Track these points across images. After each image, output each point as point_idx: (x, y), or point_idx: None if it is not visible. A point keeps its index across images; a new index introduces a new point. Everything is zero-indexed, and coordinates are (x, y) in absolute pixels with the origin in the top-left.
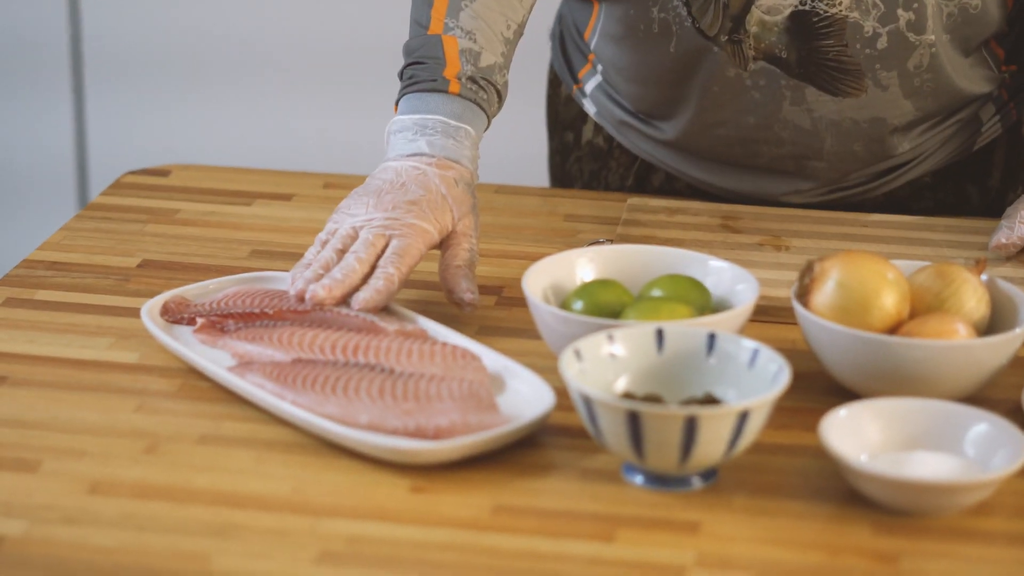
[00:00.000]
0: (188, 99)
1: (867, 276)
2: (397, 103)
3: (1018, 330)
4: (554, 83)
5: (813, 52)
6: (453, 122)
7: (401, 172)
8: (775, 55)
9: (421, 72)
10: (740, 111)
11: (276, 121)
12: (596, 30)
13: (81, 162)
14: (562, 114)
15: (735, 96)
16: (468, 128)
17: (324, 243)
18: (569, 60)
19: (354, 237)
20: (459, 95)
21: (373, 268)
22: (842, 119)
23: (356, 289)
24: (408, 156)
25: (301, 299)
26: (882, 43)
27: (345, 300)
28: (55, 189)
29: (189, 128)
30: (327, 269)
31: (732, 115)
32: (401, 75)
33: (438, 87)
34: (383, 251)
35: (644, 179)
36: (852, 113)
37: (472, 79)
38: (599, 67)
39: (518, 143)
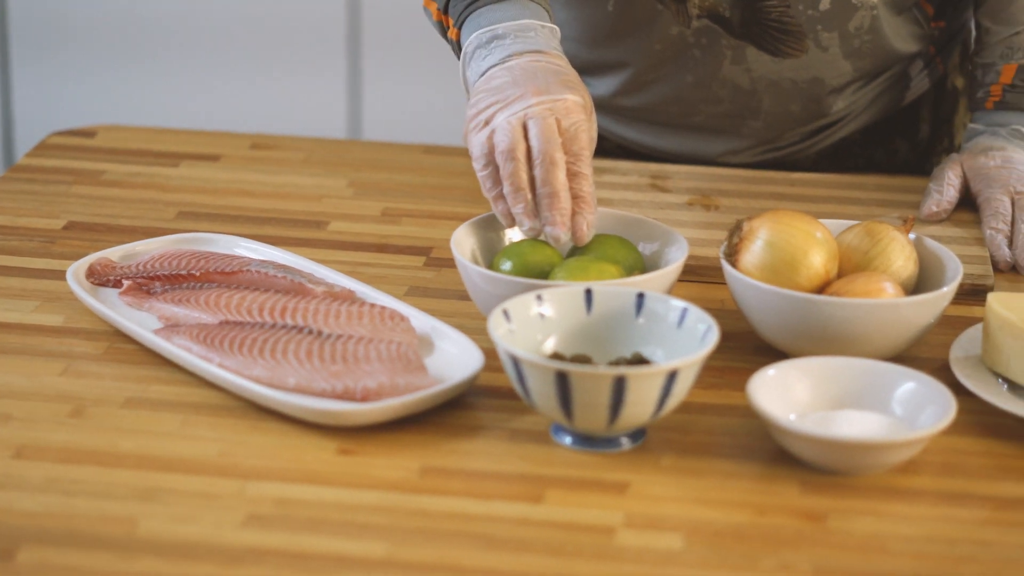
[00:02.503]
0: (114, 61)
1: (795, 235)
2: (459, 25)
3: (945, 288)
4: None
5: (756, 12)
6: (543, 23)
7: (524, 65)
8: (719, 14)
9: None
10: (679, 69)
11: (202, 82)
12: None
13: (7, 125)
14: None
15: (676, 54)
16: (555, 27)
17: (488, 148)
18: None
19: (518, 129)
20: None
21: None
22: (781, 79)
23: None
24: (521, 54)
25: (535, 237)
26: (824, 5)
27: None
28: None
29: (115, 90)
30: (525, 189)
31: (671, 73)
32: (447, 3)
33: None
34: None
35: None
36: (791, 74)
37: None
38: None
39: (442, 104)
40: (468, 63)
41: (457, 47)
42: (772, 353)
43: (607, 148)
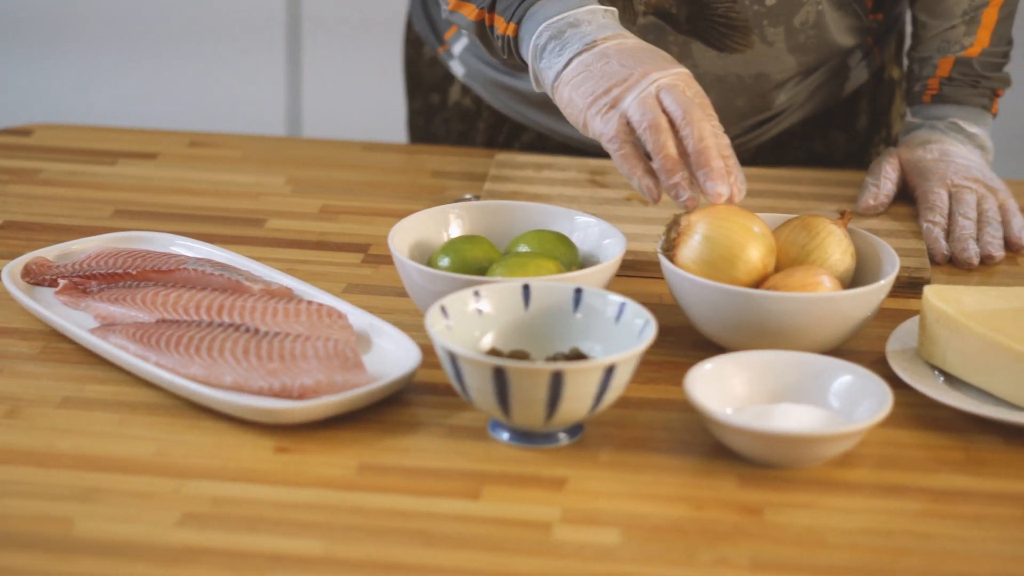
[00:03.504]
0: (50, 59)
1: (733, 229)
2: (518, 20)
3: (882, 282)
4: (415, 44)
5: (703, 8)
6: (605, 8)
7: (620, 48)
8: (666, 10)
9: None
10: None
11: (140, 79)
12: None
13: None
14: (426, 75)
15: None
16: (614, 9)
17: (621, 128)
18: (433, 23)
19: (655, 103)
20: None
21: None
22: (727, 74)
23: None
24: (605, 39)
25: (694, 208)
26: (771, 0)
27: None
28: None
29: (51, 88)
30: (679, 158)
31: None
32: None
33: None
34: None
35: (514, 139)
36: (737, 69)
37: None
38: None
39: (383, 100)
40: (540, 56)
41: (513, 43)
42: (710, 347)
43: (550, 147)
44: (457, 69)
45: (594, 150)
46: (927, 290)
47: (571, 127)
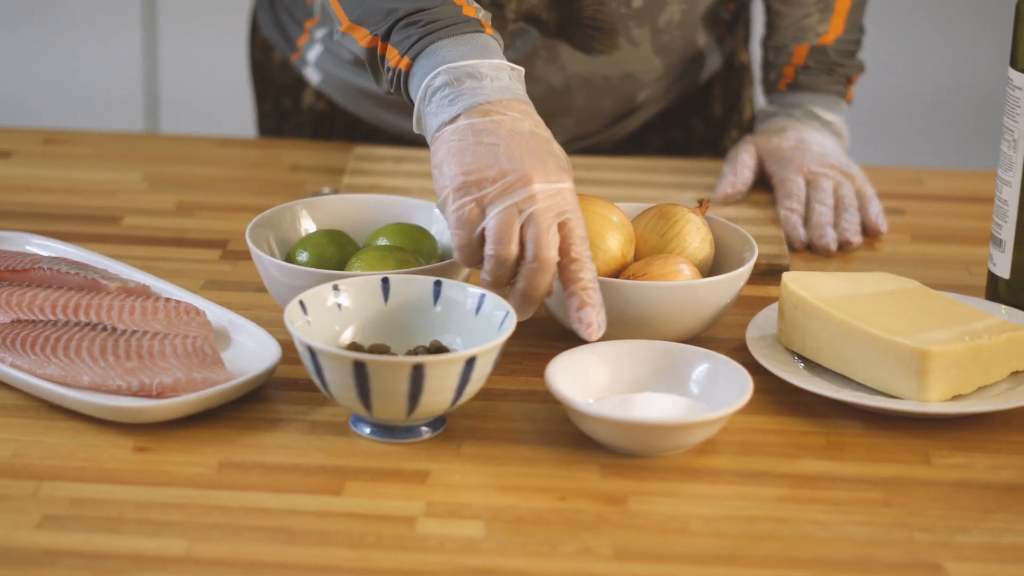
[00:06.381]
0: None
1: (592, 219)
2: (413, 56)
3: (741, 269)
4: (263, 48)
5: (573, 12)
6: (512, 66)
7: (513, 127)
8: (535, 16)
9: (442, 13)
10: None
11: None
12: None
13: None
14: (277, 79)
15: None
16: (521, 68)
17: (476, 234)
18: (284, 29)
19: (515, 231)
20: (492, 36)
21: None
22: (594, 76)
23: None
24: (501, 102)
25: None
26: (637, 2)
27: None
28: None
29: None
30: (504, 287)
31: None
32: (393, 24)
33: (476, 28)
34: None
35: (370, 142)
36: (604, 70)
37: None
38: (317, 33)
39: (239, 96)
40: (430, 99)
41: (403, 78)
42: (571, 338)
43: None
44: (313, 76)
45: None
46: (785, 276)
47: None
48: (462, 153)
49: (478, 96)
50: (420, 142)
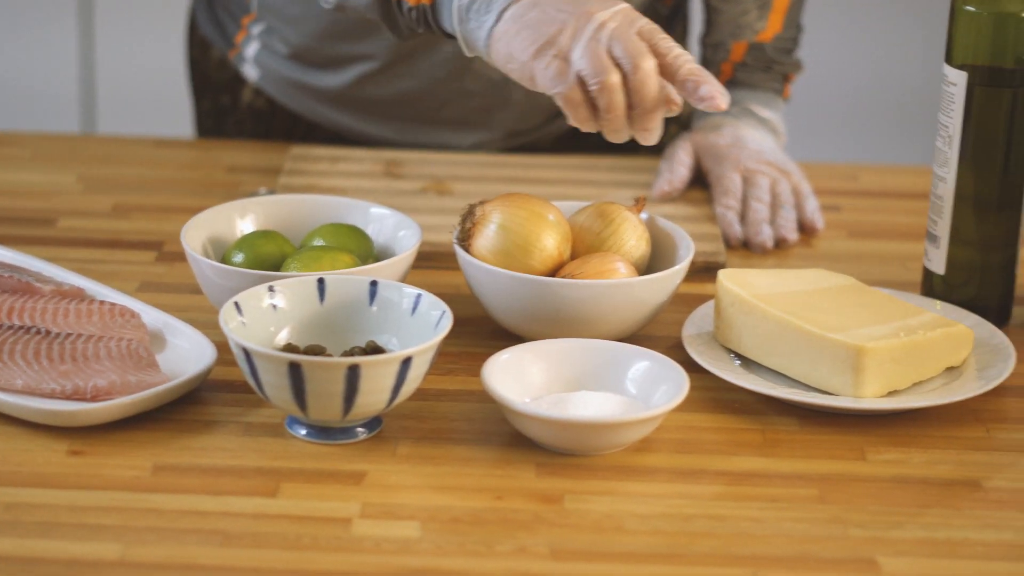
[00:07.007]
0: None
1: (528, 218)
2: None
3: (678, 267)
4: (201, 46)
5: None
6: None
7: None
8: None
9: None
10: (431, 65)
11: None
12: None
13: None
14: (215, 77)
15: (428, 49)
16: None
17: (571, 80)
18: (222, 27)
19: (604, 55)
20: None
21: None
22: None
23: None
24: None
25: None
26: None
27: None
28: None
29: None
30: (623, 116)
31: (423, 68)
32: None
33: None
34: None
35: (309, 139)
36: None
37: None
38: (254, 29)
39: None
40: (467, 16)
41: (430, 12)
42: (508, 337)
43: (347, 145)
44: (251, 72)
45: (391, 145)
46: (721, 274)
47: (368, 124)
48: (519, 33)
49: None
50: (359, 139)
